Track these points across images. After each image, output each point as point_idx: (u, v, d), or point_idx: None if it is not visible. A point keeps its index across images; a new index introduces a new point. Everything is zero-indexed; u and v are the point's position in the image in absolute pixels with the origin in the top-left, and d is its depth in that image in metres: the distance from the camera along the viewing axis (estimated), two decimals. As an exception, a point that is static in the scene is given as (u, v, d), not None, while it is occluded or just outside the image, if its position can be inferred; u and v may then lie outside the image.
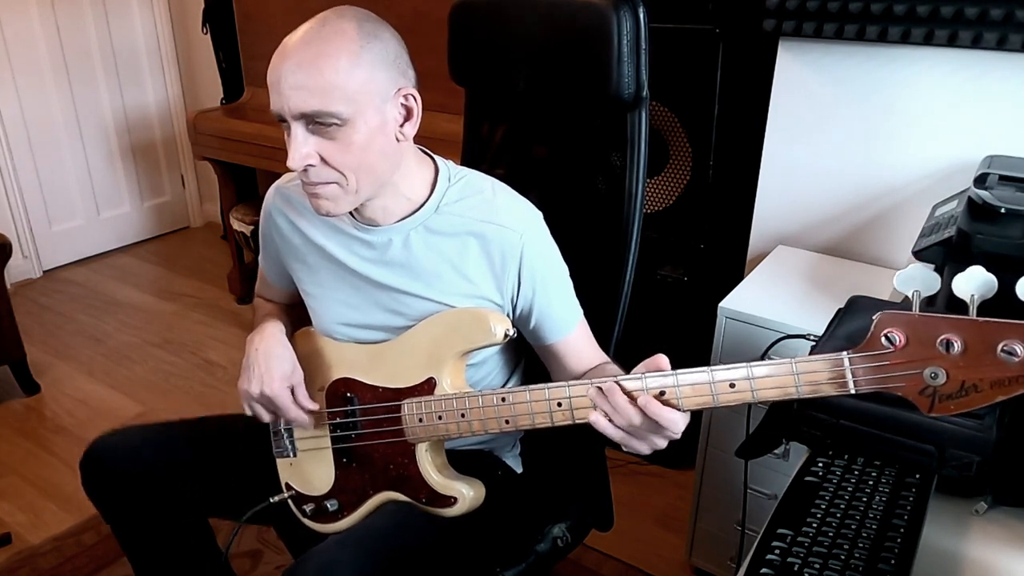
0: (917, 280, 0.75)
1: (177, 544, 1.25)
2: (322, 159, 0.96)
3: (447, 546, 1.09)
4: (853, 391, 0.77)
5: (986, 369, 0.70)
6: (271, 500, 1.19)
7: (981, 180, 1.22)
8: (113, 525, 1.23)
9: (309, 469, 1.17)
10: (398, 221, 1.07)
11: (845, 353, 0.77)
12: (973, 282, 0.72)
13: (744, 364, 0.83)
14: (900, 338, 0.73)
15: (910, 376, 0.74)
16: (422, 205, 1.07)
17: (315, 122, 0.94)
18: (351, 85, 0.93)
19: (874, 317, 0.75)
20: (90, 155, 3.59)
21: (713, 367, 0.85)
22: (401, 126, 1.00)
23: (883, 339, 0.74)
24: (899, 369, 0.74)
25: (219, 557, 1.33)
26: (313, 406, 1.12)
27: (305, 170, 0.97)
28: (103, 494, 1.20)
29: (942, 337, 0.71)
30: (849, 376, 0.77)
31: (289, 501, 1.19)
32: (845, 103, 1.64)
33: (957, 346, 0.71)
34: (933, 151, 1.58)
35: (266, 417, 1.13)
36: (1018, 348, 0.68)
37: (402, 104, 0.99)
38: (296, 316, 1.25)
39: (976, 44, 1.42)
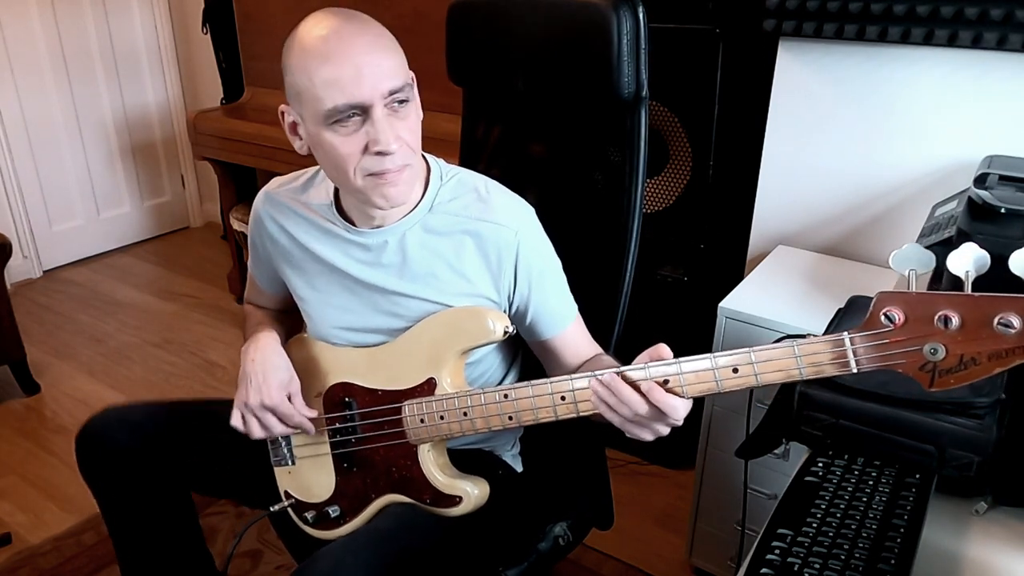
0: (913, 259, 0.76)
1: (165, 529, 1.25)
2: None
3: (451, 546, 1.09)
4: (855, 370, 0.78)
5: (984, 342, 0.71)
6: (271, 509, 1.18)
7: (981, 180, 1.22)
8: (104, 504, 1.22)
9: (308, 476, 1.17)
10: (393, 222, 1.07)
11: (846, 333, 0.78)
12: (967, 259, 0.74)
13: (746, 349, 0.83)
14: (899, 316, 0.74)
15: (910, 353, 0.75)
16: (416, 205, 1.07)
17: (393, 101, 0.95)
18: (404, 63, 0.98)
19: (873, 298, 0.76)
20: (90, 155, 3.59)
21: (715, 353, 0.85)
22: None
23: (882, 317, 0.75)
24: (899, 347, 0.75)
25: (203, 546, 1.33)
26: (311, 414, 1.11)
27: (384, 156, 0.95)
28: (98, 470, 1.19)
29: (940, 313, 0.73)
30: (851, 355, 0.78)
31: (289, 510, 1.19)
32: (845, 103, 1.64)
33: (955, 321, 0.72)
34: (933, 151, 1.58)
35: (258, 433, 1.11)
36: (1014, 320, 0.69)
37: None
38: (289, 323, 1.24)
39: (976, 44, 1.42)
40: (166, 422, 1.21)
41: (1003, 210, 1.06)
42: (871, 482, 0.92)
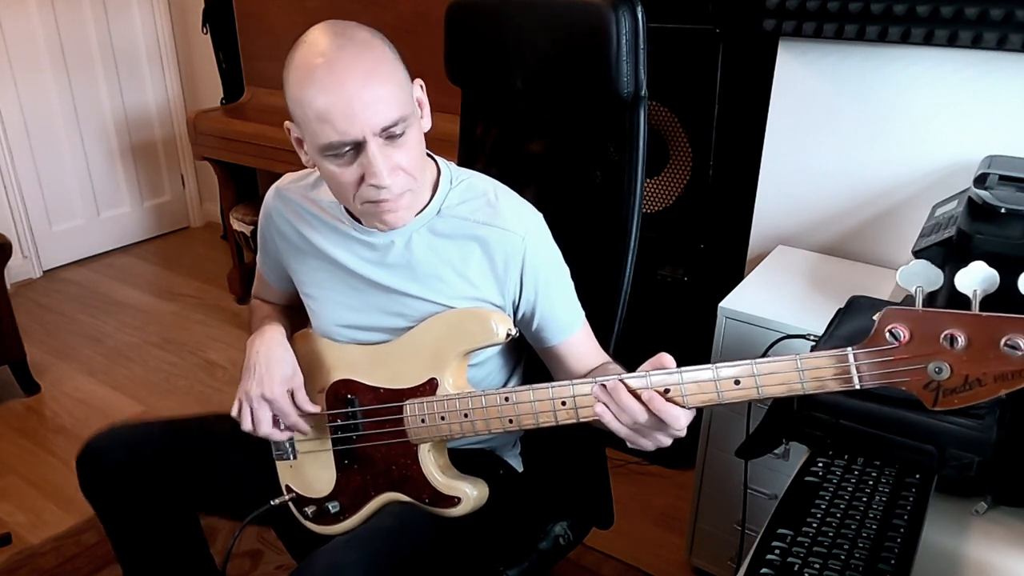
0: (920, 276, 0.76)
1: (169, 545, 1.24)
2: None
3: (452, 546, 1.09)
4: (858, 387, 0.77)
5: (990, 363, 0.70)
6: (272, 503, 1.19)
7: (981, 180, 1.22)
8: (106, 522, 1.22)
9: (310, 471, 1.17)
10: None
11: (850, 349, 0.77)
12: (976, 278, 0.72)
13: (748, 361, 0.83)
14: (904, 333, 0.74)
15: (914, 371, 0.74)
16: (425, 207, 1.07)
17: (387, 134, 0.94)
18: (403, 87, 0.96)
19: (878, 314, 0.75)
20: (90, 155, 3.59)
21: (717, 364, 0.85)
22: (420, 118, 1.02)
23: (887, 335, 0.74)
24: (903, 364, 0.74)
25: (210, 560, 1.33)
26: (314, 408, 1.11)
27: (386, 187, 0.96)
28: (100, 490, 1.19)
29: (946, 332, 0.72)
30: (854, 372, 0.77)
31: (290, 504, 1.19)
32: (845, 103, 1.64)
33: (961, 341, 0.71)
34: (933, 151, 1.58)
35: (247, 425, 1.11)
36: (1021, 342, 0.68)
37: (416, 97, 1.01)
38: (295, 319, 1.24)
39: (976, 44, 1.42)
40: (167, 441, 1.21)
41: (1003, 210, 1.06)
42: (871, 482, 0.92)
